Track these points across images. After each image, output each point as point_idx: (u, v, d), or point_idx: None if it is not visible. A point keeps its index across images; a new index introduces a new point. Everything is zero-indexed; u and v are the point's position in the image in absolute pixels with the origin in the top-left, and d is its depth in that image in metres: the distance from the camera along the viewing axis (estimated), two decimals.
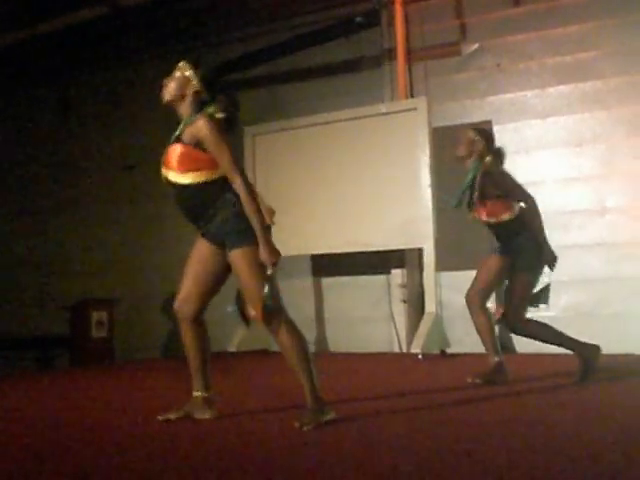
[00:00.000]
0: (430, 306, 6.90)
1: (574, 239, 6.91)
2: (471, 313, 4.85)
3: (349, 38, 8.28)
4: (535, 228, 4.67)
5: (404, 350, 7.32)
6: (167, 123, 3.77)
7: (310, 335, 8.03)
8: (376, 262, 7.66)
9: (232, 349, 7.52)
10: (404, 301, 7.55)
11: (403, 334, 7.44)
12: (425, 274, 6.97)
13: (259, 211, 3.48)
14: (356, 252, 7.42)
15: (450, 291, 6.96)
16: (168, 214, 8.84)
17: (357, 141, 7.45)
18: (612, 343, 6.55)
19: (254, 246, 3.49)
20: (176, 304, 3.73)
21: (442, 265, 6.85)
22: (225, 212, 3.51)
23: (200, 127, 3.50)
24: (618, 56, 6.97)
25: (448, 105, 7.54)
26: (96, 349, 7.84)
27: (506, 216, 4.72)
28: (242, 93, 8.67)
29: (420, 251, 7.09)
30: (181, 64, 3.71)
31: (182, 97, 3.65)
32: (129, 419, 3.87)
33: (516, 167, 7.16)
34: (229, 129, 3.61)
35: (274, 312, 3.47)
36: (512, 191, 4.74)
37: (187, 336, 3.71)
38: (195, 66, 3.71)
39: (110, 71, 9.63)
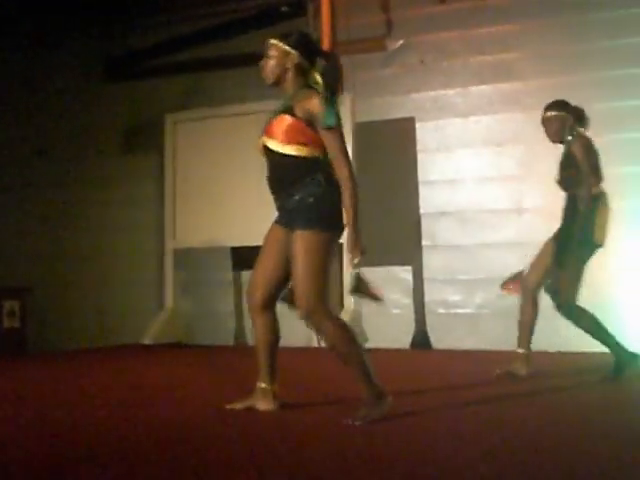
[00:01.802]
0: (349, 302, 6.89)
1: (491, 238, 7.00)
2: (524, 299, 4.88)
3: (275, 28, 8.18)
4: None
5: (322, 345, 7.28)
6: (82, 109, 3.64)
7: (229, 329, 7.97)
8: None
9: (147, 341, 7.39)
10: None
11: None
12: (345, 269, 6.96)
13: (355, 206, 3.34)
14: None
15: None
16: (89, 200, 8.68)
17: None
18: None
19: (321, 234, 3.36)
20: (248, 292, 3.62)
21: (363, 260, 6.82)
22: (307, 191, 3.40)
23: (315, 105, 3.38)
24: (539, 58, 7.06)
25: (372, 100, 7.53)
26: (7, 340, 7.59)
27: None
28: (166, 79, 8.56)
29: (340, 246, 7.04)
30: (272, 40, 3.59)
31: (285, 73, 3.56)
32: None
33: (437, 165, 7.32)
34: (333, 94, 3.47)
35: (316, 307, 3.33)
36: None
37: (257, 326, 3.62)
38: (286, 37, 3.59)
39: (26, 54, 9.31)
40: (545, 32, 7.06)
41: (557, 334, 5.74)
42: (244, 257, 7.97)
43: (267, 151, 3.55)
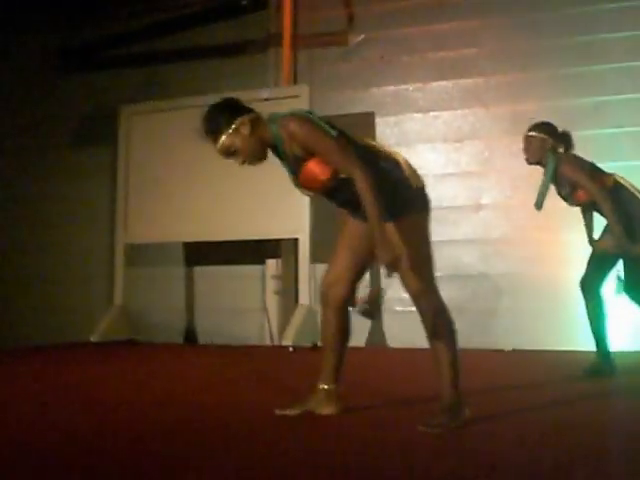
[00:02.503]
0: (304, 298, 6.77)
1: (449, 234, 6.92)
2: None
3: (236, 20, 8.06)
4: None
5: (276, 343, 7.17)
6: (35, 101, 3.43)
7: (179, 326, 7.80)
8: (251, 252, 7.49)
9: (95, 339, 7.18)
10: (277, 292, 7.40)
11: (275, 326, 7.29)
12: (300, 265, 6.84)
13: (377, 206, 3.01)
14: (230, 241, 7.23)
15: None
16: (39, 194, 8.47)
17: None
18: (481, 338, 6.61)
19: (412, 216, 3.18)
20: (323, 287, 3.37)
21: (317, 257, 6.72)
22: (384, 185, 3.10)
23: (294, 133, 3.12)
24: (499, 55, 7.02)
25: (332, 95, 7.43)
26: None
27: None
28: (122, 70, 8.38)
29: (295, 242, 6.94)
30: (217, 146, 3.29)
31: (249, 142, 3.24)
32: None
33: None
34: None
35: (428, 288, 3.18)
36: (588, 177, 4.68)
37: (329, 324, 3.37)
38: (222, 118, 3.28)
39: None
40: (505, 29, 7.02)
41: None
42: (197, 252, 7.83)
43: (324, 192, 3.23)
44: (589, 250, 4.93)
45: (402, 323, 6.97)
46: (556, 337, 6.09)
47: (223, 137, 3.24)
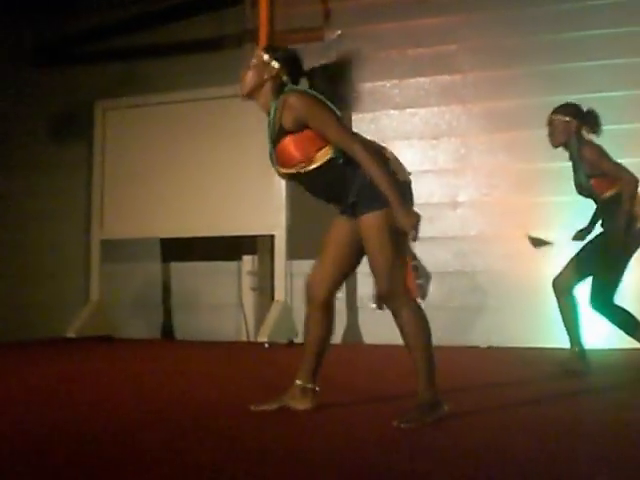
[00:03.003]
0: (279, 294, 6.76)
1: (425, 231, 6.81)
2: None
3: (212, 15, 8.01)
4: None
5: (252, 339, 7.15)
6: (9, 95, 3.37)
7: (156, 322, 7.76)
8: (227, 248, 7.46)
9: (71, 335, 7.13)
10: (254, 289, 7.38)
11: (252, 323, 7.27)
12: (276, 262, 6.82)
13: (386, 174, 3.06)
14: (207, 237, 7.20)
15: (301, 280, 6.82)
16: (14, 189, 8.36)
17: (213, 122, 7.23)
18: (458, 335, 6.64)
19: (385, 210, 3.09)
20: (308, 286, 3.39)
21: (294, 253, 6.71)
22: (356, 181, 3.14)
23: (293, 105, 3.15)
24: (477, 51, 7.02)
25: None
26: None
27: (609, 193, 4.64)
28: (98, 65, 8.30)
29: (272, 238, 6.92)
30: (256, 50, 3.39)
31: (261, 85, 3.29)
32: None
33: None
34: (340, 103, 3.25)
35: (396, 289, 3.13)
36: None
37: (312, 320, 3.40)
38: (272, 48, 3.40)
39: None
40: (483, 25, 7.02)
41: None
42: (174, 249, 7.79)
43: (294, 176, 3.28)
44: (567, 247, 4.96)
45: (378, 320, 6.96)
46: (533, 334, 6.12)
47: (261, 55, 3.34)
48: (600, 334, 5.27)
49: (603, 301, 4.61)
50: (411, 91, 7.20)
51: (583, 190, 4.78)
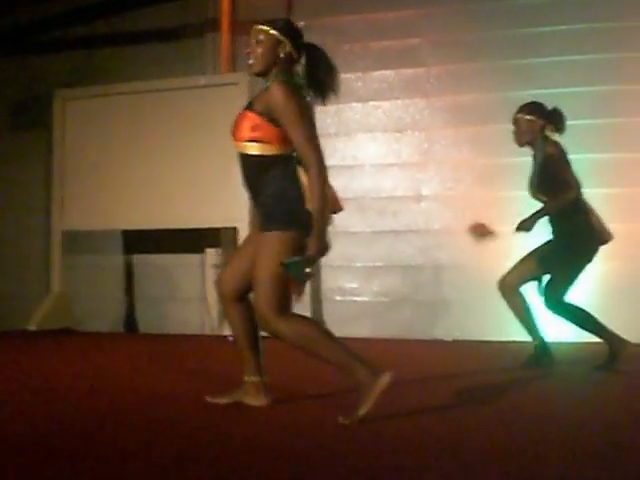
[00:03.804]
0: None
1: (389, 225, 6.96)
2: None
3: (173, 3, 7.92)
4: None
5: (215, 332, 7.12)
6: None
7: (118, 315, 7.70)
8: (191, 241, 7.41)
9: (32, 327, 7.05)
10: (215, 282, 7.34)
11: (215, 316, 7.24)
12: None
13: (326, 197, 3.07)
14: (170, 229, 7.15)
15: None
16: None
17: (175, 113, 7.17)
18: (423, 329, 6.69)
19: (282, 235, 3.10)
20: (218, 284, 3.39)
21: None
22: (267, 191, 3.15)
23: (272, 93, 3.10)
24: (440, 45, 7.03)
25: None
26: None
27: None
28: (58, 53, 8.16)
29: (235, 231, 6.89)
30: (261, 26, 3.25)
31: (274, 63, 3.22)
32: None
33: (336, 150, 7.20)
34: (322, 95, 3.25)
35: (270, 315, 3.12)
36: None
37: (230, 316, 3.41)
38: (274, 23, 3.28)
39: None
40: (447, 18, 7.03)
41: None
42: (136, 240, 7.72)
43: (239, 153, 3.27)
44: (527, 242, 5.02)
45: (342, 312, 7.01)
46: (497, 328, 6.17)
47: (271, 32, 3.25)
48: (562, 328, 5.33)
49: (556, 300, 4.67)
50: (375, 84, 7.19)
51: (533, 191, 4.85)
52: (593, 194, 6.12)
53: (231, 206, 6.72)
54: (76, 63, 8.10)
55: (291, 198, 3.14)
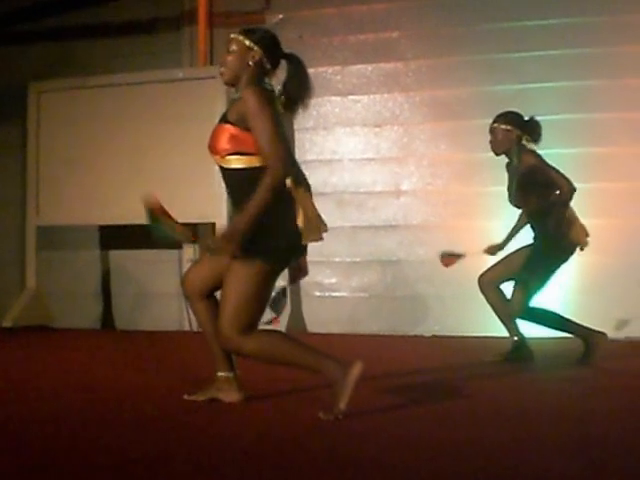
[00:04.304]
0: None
1: (368, 220, 6.94)
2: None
3: None
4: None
5: (194, 328, 7.07)
6: None
7: (95, 311, 7.62)
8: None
9: (7, 324, 6.97)
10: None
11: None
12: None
13: (259, 211, 3.02)
14: (147, 225, 7.06)
15: None
16: None
17: (152, 106, 7.10)
18: (402, 324, 6.68)
19: (257, 262, 3.08)
20: (184, 282, 3.40)
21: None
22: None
23: (245, 99, 3.07)
24: (419, 39, 6.99)
25: None
26: None
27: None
28: (32, 45, 8.05)
29: (212, 226, 6.83)
30: (234, 35, 3.25)
31: (244, 71, 3.20)
32: None
33: (314, 144, 7.17)
34: (291, 107, 3.22)
35: (232, 338, 3.12)
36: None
37: (197, 313, 3.40)
38: (250, 32, 3.27)
39: None
40: (425, 12, 6.99)
41: None
42: (113, 236, 7.64)
43: (219, 166, 3.25)
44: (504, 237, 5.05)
45: (322, 308, 6.99)
46: (476, 323, 6.16)
47: (242, 40, 3.24)
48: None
49: (525, 306, 4.71)
50: (353, 78, 7.15)
51: (513, 200, 4.87)
52: None
53: (209, 201, 6.67)
54: (52, 55, 7.99)
55: (272, 229, 3.11)
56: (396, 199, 6.94)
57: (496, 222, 5.29)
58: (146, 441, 2.75)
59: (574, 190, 4.65)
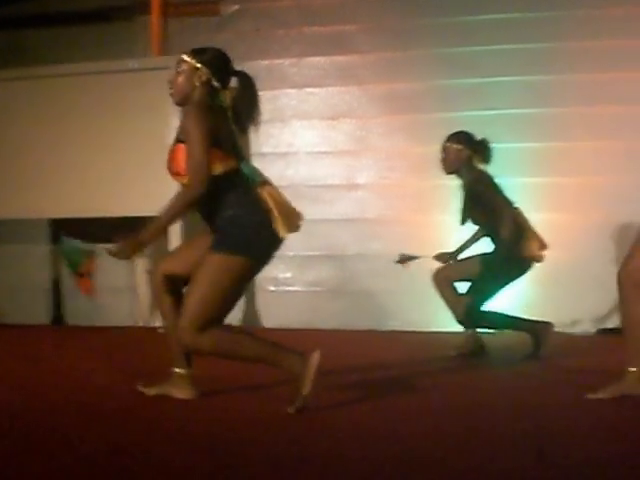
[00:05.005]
0: None
1: (323, 214, 6.89)
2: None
3: None
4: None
5: (146, 324, 6.97)
6: None
7: (45, 306, 7.48)
8: (120, 229, 7.17)
9: None
10: (148, 272, 7.17)
11: (146, 307, 7.07)
12: (171, 243, 6.64)
13: (168, 222, 3.25)
14: (97, 218, 6.94)
15: None
16: None
17: (104, 97, 6.96)
18: (357, 319, 6.65)
19: (237, 258, 3.10)
20: (152, 275, 3.45)
21: (188, 234, 6.53)
22: (221, 217, 3.17)
23: (185, 116, 3.14)
24: (376, 32, 6.94)
25: None
26: None
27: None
28: None
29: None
30: (182, 56, 3.28)
31: (192, 91, 3.23)
32: None
33: (270, 137, 7.09)
34: (241, 125, 3.27)
35: (190, 333, 3.11)
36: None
37: (162, 307, 3.42)
38: (198, 52, 3.27)
39: None
40: (382, 5, 6.95)
41: None
42: (62, 229, 7.49)
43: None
44: (460, 231, 5.07)
45: (276, 303, 6.93)
46: (431, 318, 6.16)
47: (190, 60, 3.28)
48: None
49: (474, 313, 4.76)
50: (309, 70, 7.09)
51: (463, 218, 4.93)
52: (528, 184, 6.20)
53: (159, 194, 6.50)
54: (1, 44, 7.81)
55: (247, 224, 3.17)
56: (351, 192, 6.91)
57: (452, 216, 5.26)
58: (99, 436, 2.74)
59: (513, 219, 4.69)
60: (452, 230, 5.46)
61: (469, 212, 4.86)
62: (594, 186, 6.31)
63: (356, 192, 6.91)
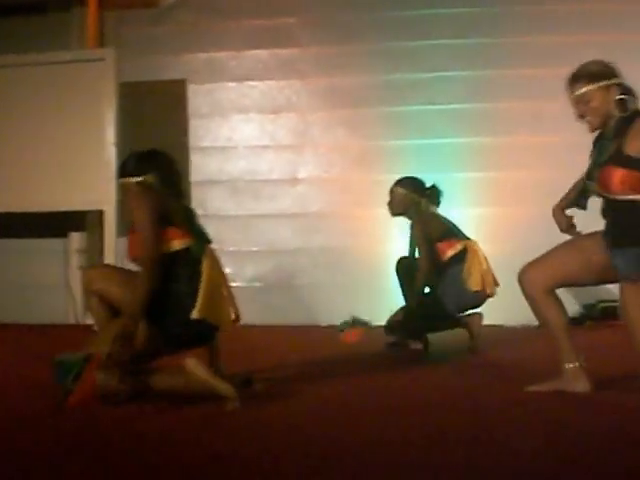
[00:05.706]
0: None
1: (264, 209, 6.84)
2: None
3: None
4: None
5: (80, 321, 6.79)
6: None
7: None
8: (53, 224, 7.02)
9: None
10: (82, 268, 7.01)
11: (80, 304, 6.89)
12: (106, 239, 6.50)
13: (141, 303, 3.21)
14: (29, 213, 6.74)
15: None
16: None
17: (39, 89, 6.78)
18: (301, 314, 6.59)
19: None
20: (84, 279, 3.50)
21: (124, 230, 6.39)
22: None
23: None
24: (316, 25, 6.92)
25: (140, 59, 7.05)
26: None
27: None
28: None
29: (101, 213, 6.58)
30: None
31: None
32: None
33: (209, 131, 7.01)
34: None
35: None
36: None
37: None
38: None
39: None
40: None
41: None
42: (10, 224, 7.24)
43: None
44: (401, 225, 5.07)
45: (242, 300, 6.81)
46: (373, 311, 6.12)
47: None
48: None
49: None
50: (249, 63, 7.02)
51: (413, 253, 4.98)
52: (471, 178, 6.22)
53: (97, 188, 6.43)
54: None
55: (164, 300, 3.27)
56: (292, 187, 6.86)
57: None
58: (51, 439, 2.69)
59: (430, 274, 4.75)
60: (392, 224, 5.44)
61: (414, 249, 4.95)
62: (534, 180, 6.35)
63: (297, 186, 6.86)
